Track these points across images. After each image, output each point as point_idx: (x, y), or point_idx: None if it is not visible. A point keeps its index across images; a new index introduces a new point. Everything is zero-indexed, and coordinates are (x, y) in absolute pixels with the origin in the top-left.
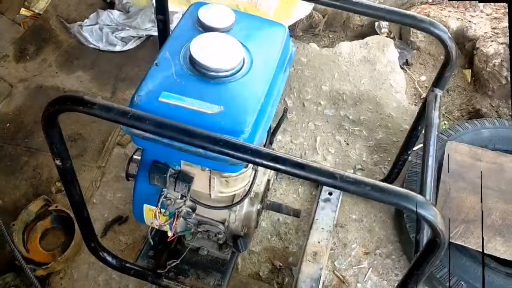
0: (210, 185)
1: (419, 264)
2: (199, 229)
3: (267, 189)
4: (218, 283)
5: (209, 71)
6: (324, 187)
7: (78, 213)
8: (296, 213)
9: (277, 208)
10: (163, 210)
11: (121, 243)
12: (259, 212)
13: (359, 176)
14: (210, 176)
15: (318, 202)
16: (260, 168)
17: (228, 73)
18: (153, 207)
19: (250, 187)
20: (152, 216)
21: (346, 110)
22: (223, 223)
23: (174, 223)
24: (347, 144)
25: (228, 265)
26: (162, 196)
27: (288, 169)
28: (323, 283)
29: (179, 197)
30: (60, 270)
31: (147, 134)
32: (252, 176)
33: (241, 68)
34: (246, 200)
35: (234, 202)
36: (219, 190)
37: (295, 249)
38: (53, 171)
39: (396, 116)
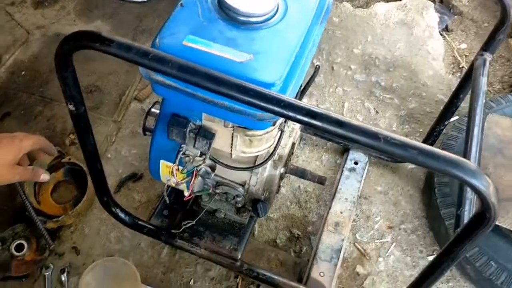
0: (232, 144)
1: (460, 240)
2: (217, 191)
3: (291, 152)
4: (234, 247)
5: (239, 16)
6: (350, 156)
7: (91, 164)
8: (321, 180)
9: (301, 173)
10: (180, 168)
11: (135, 200)
12: (281, 177)
13: (405, 138)
14: (233, 134)
15: (342, 171)
16: (286, 129)
17: (260, 19)
18: (170, 164)
19: (275, 149)
20: (169, 173)
21: (377, 76)
22: (243, 185)
23: (191, 182)
24: (377, 112)
25: (245, 229)
26: (181, 153)
27: (325, 125)
28: (343, 255)
29: (198, 155)
30: (71, 224)
31: (169, 81)
32: (278, 137)
33: (274, 14)
34: (269, 163)
35: (256, 164)
36: (241, 149)
37: (315, 218)
38: (67, 122)
39: (431, 85)
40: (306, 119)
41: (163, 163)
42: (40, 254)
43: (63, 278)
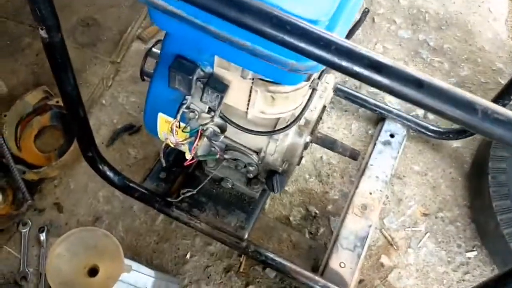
0: (249, 100)
1: None
2: (225, 156)
3: (320, 118)
4: (241, 225)
5: None
6: (385, 126)
7: (72, 111)
8: (354, 155)
9: (330, 144)
10: (182, 125)
11: (130, 156)
12: (305, 146)
13: None
14: (251, 88)
15: (375, 144)
16: (319, 87)
17: None
18: (170, 119)
19: (302, 111)
20: (168, 130)
21: (426, 34)
22: (257, 152)
23: (195, 143)
24: None
25: (255, 205)
26: (184, 106)
27: (396, 84)
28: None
29: (206, 111)
30: (55, 177)
31: (171, 6)
32: (308, 96)
33: None
34: (293, 128)
35: (277, 128)
36: (260, 109)
37: (337, 196)
38: None
39: (490, 50)
40: (367, 72)
41: (161, 117)
42: (17, 208)
43: (41, 238)
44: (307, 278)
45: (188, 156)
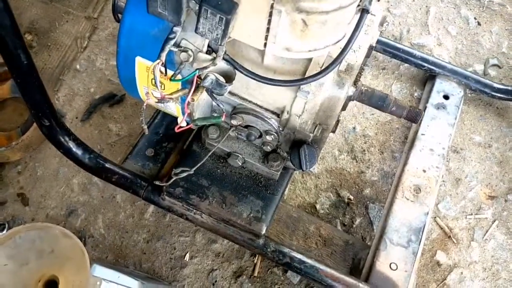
0: (269, 29)
1: None
2: (233, 121)
3: (365, 64)
4: (256, 216)
5: None
6: (437, 86)
7: (11, 62)
8: (413, 114)
9: (380, 100)
10: (170, 72)
11: (111, 133)
12: (346, 104)
13: None
14: (273, 6)
15: (425, 109)
16: (371, 10)
17: None
18: (151, 62)
19: (345, 48)
20: (149, 80)
21: None
22: (278, 114)
23: (189, 96)
24: (479, 24)
25: (275, 188)
26: (171, 42)
27: None
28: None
29: (204, 49)
30: (18, 162)
31: None
32: (354, 25)
33: None
34: (331, 76)
35: (307, 76)
36: (285, 42)
37: (376, 177)
38: (24, 15)
39: None
40: None
41: (140, 63)
42: None
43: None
44: (347, 285)
45: (181, 119)
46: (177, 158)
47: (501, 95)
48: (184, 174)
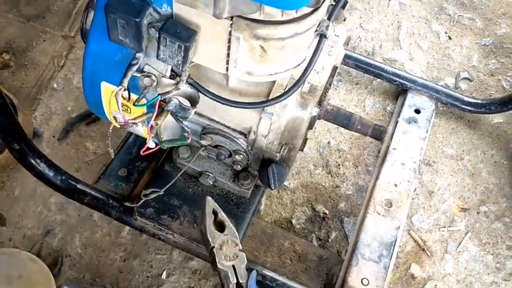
0: (229, 53)
1: None
2: (202, 142)
3: (329, 84)
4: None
5: None
6: (409, 100)
7: None
8: (377, 132)
9: (345, 119)
10: (134, 96)
11: (88, 152)
12: (312, 124)
13: None
14: (231, 33)
15: (397, 123)
16: (330, 35)
17: None
18: (116, 87)
19: (306, 70)
20: (108, 103)
21: None
22: (245, 134)
23: (151, 120)
24: (449, 38)
25: (246, 206)
26: (134, 67)
27: None
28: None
29: (168, 74)
30: None
31: None
32: (314, 47)
33: None
34: (294, 97)
35: (271, 98)
36: (246, 67)
37: (351, 191)
38: (0, 36)
39: None
40: None
41: (106, 88)
42: None
43: None
44: None
45: (149, 142)
46: (150, 177)
47: (472, 108)
48: (154, 195)
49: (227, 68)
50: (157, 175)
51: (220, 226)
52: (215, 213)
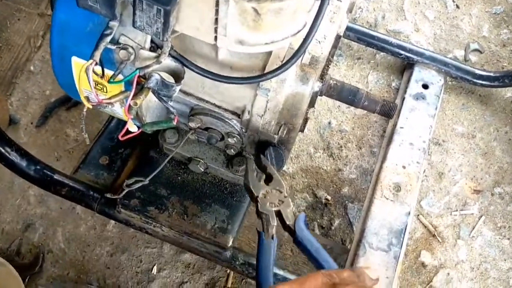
0: (217, 18)
1: None
2: (191, 124)
3: (332, 55)
4: (221, 226)
5: None
6: (415, 75)
7: None
8: (387, 108)
9: (350, 95)
10: (109, 72)
11: (69, 139)
12: (313, 101)
13: None
14: None
15: (403, 100)
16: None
17: None
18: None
19: (306, 39)
20: (79, 80)
21: None
22: (238, 114)
23: (129, 99)
24: (457, 6)
25: (243, 194)
26: (107, 38)
27: None
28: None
29: (147, 46)
30: None
31: None
32: (315, 12)
33: None
34: (293, 70)
35: (267, 71)
36: (237, 35)
37: (355, 174)
38: None
39: None
40: None
41: (76, 63)
42: None
43: None
44: None
45: (130, 125)
46: (135, 165)
47: (484, 82)
48: (138, 185)
49: (215, 37)
50: (142, 163)
51: (268, 179)
52: (263, 168)
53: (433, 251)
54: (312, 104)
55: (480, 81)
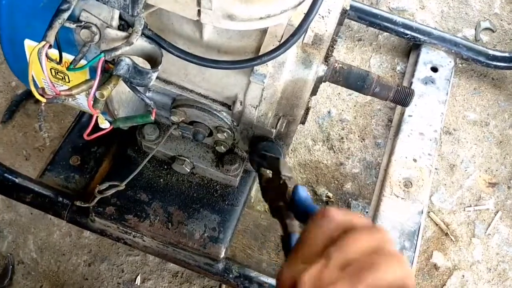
0: None
1: None
2: (173, 118)
3: (337, 34)
4: (211, 235)
5: None
6: (423, 56)
7: None
8: (402, 95)
9: (359, 80)
10: (68, 57)
11: (38, 135)
12: (316, 87)
13: None
14: None
15: (411, 84)
16: None
17: None
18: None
19: (307, 15)
20: (32, 66)
21: None
22: (229, 106)
23: (93, 89)
24: None
25: (235, 198)
26: (65, 14)
27: None
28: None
29: (114, 23)
30: None
31: None
32: None
33: None
34: (294, 51)
35: (262, 53)
36: (224, 7)
37: (358, 168)
38: None
39: None
40: None
41: (29, 46)
42: None
43: None
44: None
45: (101, 121)
46: (110, 166)
47: (498, 64)
48: (113, 191)
49: (198, 11)
50: (118, 163)
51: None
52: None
53: (446, 252)
54: (314, 91)
55: (494, 63)
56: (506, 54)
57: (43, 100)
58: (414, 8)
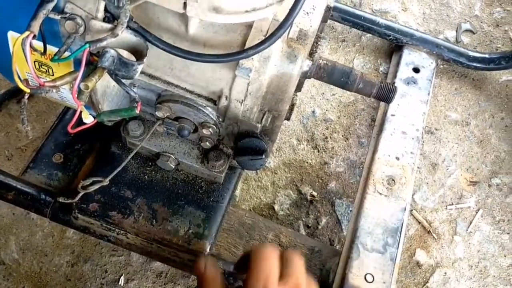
0: None
1: None
2: (158, 113)
3: (321, 31)
4: (196, 231)
5: None
6: (405, 58)
7: None
8: (385, 91)
9: (342, 77)
10: (52, 49)
11: (21, 135)
12: (300, 83)
13: None
14: None
15: (394, 84)
16: None
17: None
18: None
19: (293, 9)
20: (16, 58)
21: None
22: (214, 101)
23: (77, 81)
24: None
25: (220, 194)
26: (48, 4)
27: None
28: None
29: (99, 15)
30: None
31: None
32: None
33: None
34: (279, 46)
35: (247, 47)
36: (211, 1)
37: (342, 167)
38: None
39: None
40: None
41: (13, 38)
42: None
43: None
44: None
45: (84, 114)
46: (94, 163)
47: (478, 65)
48: (96, 187)
49: (184, 4)
50: (102, 160)
51: None
52: None
53: (428, 249)
54: (299, 87)
55: (475, 64)
56: (486, 56)
57: (27, 90)
58: (396, 10)
